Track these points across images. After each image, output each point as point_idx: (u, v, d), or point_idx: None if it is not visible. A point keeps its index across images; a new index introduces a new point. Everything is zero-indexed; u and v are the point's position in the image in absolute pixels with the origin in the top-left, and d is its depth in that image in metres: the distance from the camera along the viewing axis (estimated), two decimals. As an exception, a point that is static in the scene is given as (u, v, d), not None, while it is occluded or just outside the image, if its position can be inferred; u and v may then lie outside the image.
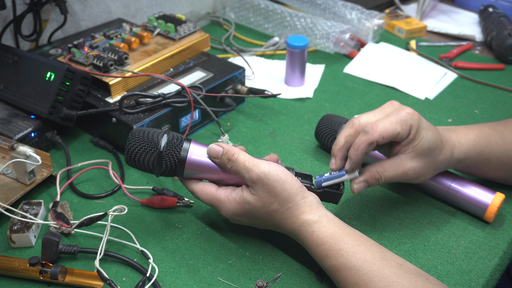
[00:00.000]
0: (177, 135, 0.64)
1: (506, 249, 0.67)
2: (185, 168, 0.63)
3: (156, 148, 0.62)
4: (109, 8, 1.13)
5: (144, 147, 0.62)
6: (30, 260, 0.61)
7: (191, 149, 0.63)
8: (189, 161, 0.63)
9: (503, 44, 1.13)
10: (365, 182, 0.65)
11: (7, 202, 0.69)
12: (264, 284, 0.62)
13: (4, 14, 0.97)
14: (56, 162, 0.83)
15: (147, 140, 0.63)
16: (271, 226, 0.64)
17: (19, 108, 0.84)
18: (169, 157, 0.62)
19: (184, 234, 0.70)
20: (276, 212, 0.61)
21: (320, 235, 0.59)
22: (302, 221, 0.60)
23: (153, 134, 0.63)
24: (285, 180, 0.60)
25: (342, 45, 1.16)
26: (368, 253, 0.56)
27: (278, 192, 0.60)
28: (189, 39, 0.97)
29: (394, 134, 0.62)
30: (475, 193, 0.70)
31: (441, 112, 0.97)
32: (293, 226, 0.61)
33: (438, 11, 1.42)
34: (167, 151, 0.62)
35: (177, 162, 0.63)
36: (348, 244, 0.57)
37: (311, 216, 0.60)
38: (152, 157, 0.63)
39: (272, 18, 1.25)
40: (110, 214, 0.64)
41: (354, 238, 0.58)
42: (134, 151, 0.63)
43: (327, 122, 0.82)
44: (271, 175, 0.60)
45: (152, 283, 0.61)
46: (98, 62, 0.85)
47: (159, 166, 0.63)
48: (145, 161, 0.63)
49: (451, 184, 0.71)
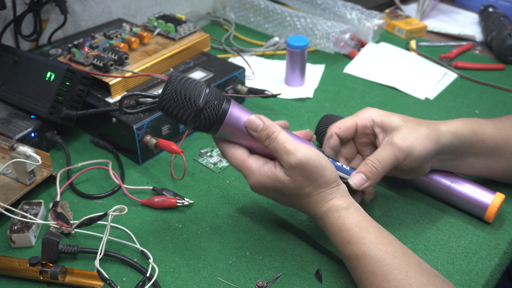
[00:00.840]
0: (217, 92, 0.60)
1: (506, 249, 0.67)
2: (220, 128, 0.60)
3: (194, 104, 0.58)
4: (109, 8, 1.13)
5: (180, 102, 0.58)
6: (30, 260, 0.61)
7: (231, 111, 0.60)
8: (226, 123, 0.60)
9: (503, 44, 1.13)
10: (366, 177, 0.64)
11: (7, 202, 0.69)
12: (264, 284, 0.62)
13: (4, 14, 0.97)
14: (56, 162, 0.83)
15: (185, 95, 0.58)
16: (295, 206, 0.64)
17: (19, 108, 0.84)
18: (207, 115, 0.59)
19: (184, 234, 0.70)
20: (307, 195, 0.61)
21: (346, 221, 0.59)
22: (330, 205, 0.60)
23: (194, 86, 0.59)
24: (326, 166, 0.60)
25: (342, 45, 1.16)
26: (390, 246, 0.57)
27: (316, 178, 0.59)
28: (189, 39, 0.97)
29: (350, 123, 0.69)
30: (475, 193, 0.70)
31: (441, 112, 0.97)
32: (320, 209, 0.61)
33: (438, 11, 1.42)
34: (206, 109, 0.58)
35: (213, 121, 0.59)
36: (372, 234, 0.58)
37: (341, 202, 0.60)
38: (187, 113, 0.58)
39: (272, 18, 1.25)
40: (110, 214, 0.64)
41: (378, 230, 0.58)
42: (166, 104, 0.59)
43: (327, 123, 0.82)
44: (313, 161, 0.58)
45: (152, 283, 0.61)
46: (98, 62, 0.85)
47: (194, 122, 0.59)
48: (178, 116, 0.59)
49: (451, 184, 0.71)
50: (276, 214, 0.73)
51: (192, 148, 0.86)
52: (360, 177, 0.65)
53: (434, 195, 0.74)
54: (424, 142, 0.65)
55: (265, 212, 0.73)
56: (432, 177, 0.72)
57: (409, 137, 0.64)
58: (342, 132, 0.69)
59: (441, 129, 0.67)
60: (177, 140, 0.87)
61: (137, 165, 0.83)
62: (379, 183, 0.78)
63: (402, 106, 0.98)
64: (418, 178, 0.73)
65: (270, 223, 0.71)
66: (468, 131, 0.68)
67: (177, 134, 0.87)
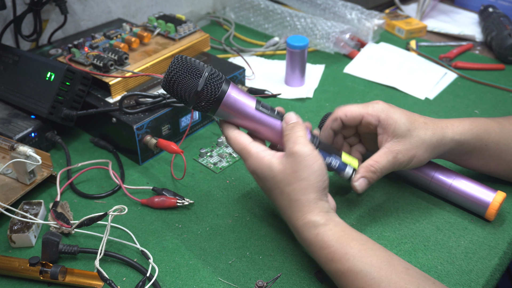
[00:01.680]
0: (218, 73, 0.62)
1: (506, 249, 0.67)
2: (220, 107, 0.62)
3: (197, 80, 0.60)
4: (109, 8, 1.13)
5: (186, 72, 0.61)
6: (30, 260, 0.61)
7: (229, 92, 0.61)
8: (224, 103, 0.61)
9: (503, 44, 1.13)
10: (364, 178, 0.66)
11: (7, 202, 0.69)
12: (264, 284, 0.62)
13: (4, 14, 0.97)
14: (56, 162, 0.83)
15: (191, 67, 0.61)
16: (278, 207, 0.63)
17: (19, 108, 0.84)
18: (208, 91, 0.61)
19: (184, 234, 0.70)
20: (287, 196, 0.60)
21: (325, 238, 0.58)
22: (307, 220, 0.59)
23: (198, 64, 0.62)
24: (316, 172, 0.60)
25: (342, 45, 1.16)
26: (375, 258, 0.55)
27: (302, 177, 0.59)
28: (189, 39, 0.97)
29: (357, 114, 0.68)
30: (476, 192, 0.70)
31: (441, 112, 0.97)
32: (297, 222, 0.60)
33: (438, 11, 1.42)
34: (207, 84, 0.60)
35: (213, 99, 0.61)
36: (354, 248, 0.56)
37: (318, 217, 0.59)
38: (189, 88, 0.61)
39: (272, 18, 1.25)
40: (110, 214, 0.64)
41: (360, 243, 0.57)
42: (174, 76, 0.61)
43: None
44: (309, 159, 0.59)
45: (152, 283, 0.61)
46: (98, 62, 0.85)
47: (197, 96, 0.61)
48: (181, 92, 0.61)
49: (452, 182, 0.71)
50: (276, 214, 0.73)
51: (192, 148, 0.86)
52: (364, 181, 0.66)
53: (435, 193, 0.74)
54: (425, 152, 0.67)
55: (265, 212, 0.73)
56: (434, 176, 0.72)
57: (410, 151, 0.66)
58: (347, 120, 0.69)
59: (445, 135, 0.68)
60: (177, 140, 0.87)
61: (137, 165, 0.83)
62: (380, 183, 0.78)
63: (402, 106, 0.97)
64: (420, 177, 0.73)
65: (270, 223, 0.71)
66: (473, 136, 0.69)
67: (177, 134, 0.87)
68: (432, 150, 0.67)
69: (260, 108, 0.64)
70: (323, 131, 0.72)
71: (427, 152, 0.67)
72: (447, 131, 0.68)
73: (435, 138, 0.67)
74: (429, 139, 0.66)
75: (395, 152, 0.66)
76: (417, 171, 0.73)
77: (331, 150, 0.66)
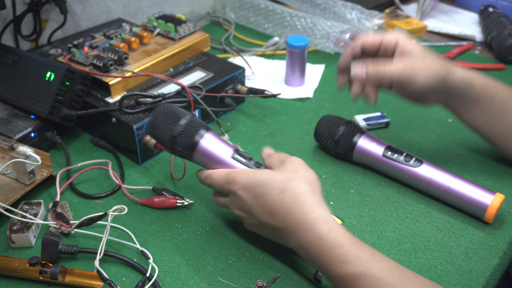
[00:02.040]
0: (200, 120, 0.66)
1: (506, 249, 0.67)
2: (195, 154, 0.64)
3: (176, 122, 0.64)
4: (109, 8, 1.13)
5: (166, 118, 0.64)
6: (30, 260, 0.61)
7: (207, 136, 0.64)
8: (200, 148, 0.64)
9: (503, 44, 1.13)
10: (365, 71, 0.69)
11: (7, 202, 0.69)
12: (264, 284, 0.62)
13: (4, 14, 0.97)
14: (56, 162, 0.83)
15: (171, 113, 0.64)
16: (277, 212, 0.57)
17: (19, 108, 0.84)
18: (184, 137, 0.63)
19: (184, 234, 0.70)
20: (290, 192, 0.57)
21: (337, 236, 0.54)
22: (317, 214, 0.55)
23: (180, 111, 0.65)
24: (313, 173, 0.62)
25: (342, 45, 1.16)
26: (385, 263, 0.53)
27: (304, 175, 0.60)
28: (189, 39, 0.97)
29: (377, 38, 0.72)
30: (475, 194, 0.70)
31: (441, 112, 0.96)
32: (305, 216, 0.55)
33: (438, 11, 1.42)
34: (184, 131, 0.63)
35: (189, 144, 0.64)
36: (365, 251, 0.53)
37: (327, 213, 0.56)
38: (168, 129, 0.64)
39: (272, 18, 1.25)
40: (110, 214, 0.64)
41: (368, 247, 0.54)
42: (155, 120, 0.65)
43: (325, 124, 0.82)
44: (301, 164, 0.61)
45: (152, 283, 0.61)
46: (98, 62, 0.85)
47: (173, 141, 0.63)
48: (161, 133, 0.64)
49: (450, 185, 0.71)
50: (276, 214, 0.73)
51: (192, 148, 0.86)
52: (361, 68, 0.70)
53: (433, 196, 0.74)
54: (431, 76, 0.68)
55: (265, 212, 0.73)
56: (432, 178, 0.72)
57: (418, 66, 0.68)
58: (367, 44, 0.72)
59: (455, 73, 0.70)
60: (177, 140, 0.87)
61: (137, 165, 0.83)
62: (380, 183, 0.78)
63: (402, 106, 0.97)
64: (418, 180, 0.73)
65: (270, 223, 0.71)
66: (482, 85, 0.71)
67: (177, 134, 0.87)
68: (440, 79, 0.69)
69: (236, 156, 0.64)
70: (342, 57, 0.74)
71: (435, 79, 0.69)
72: (457, 69, 0.71)
73: (444, 70, 0.69)
74: (439, 67, 0.69)
75: (405, 63, 0.69)
76: (414, 174, 0.74)
77: None
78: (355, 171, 0.81)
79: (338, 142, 0.80)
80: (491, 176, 0.79)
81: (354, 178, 0.79)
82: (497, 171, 0.80)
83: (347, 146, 0.79)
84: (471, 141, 0.88)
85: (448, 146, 0.87)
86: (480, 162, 0.82)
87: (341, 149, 0.80)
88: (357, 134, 0.79)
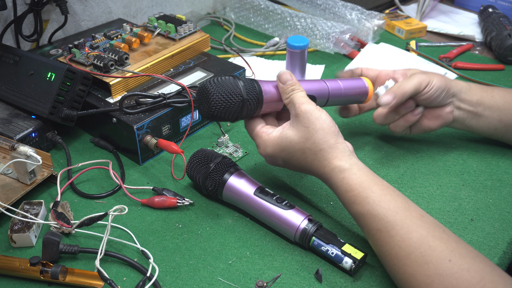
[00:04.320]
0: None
1: (506, 249, 0.67)
2: (224, 191, 0.71)
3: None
4: (110, 8, 1.13)
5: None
6: (31, 260, 0.62)
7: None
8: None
9: (503, 44, 1.13)
10: (393, 96, 0.75)
11: (7, 202, 0.69)
12: (264, 284, 0.62)
13: (5, 15, 0.97)
14: (57, 162, 0.83)
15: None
16: (303, 167, 0.67)
17: (19, 108, 0.85)
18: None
19: (184, 234, 0.70)
20: (310, 151, 0.65)
21: (350, 182, 0.62)
22: (333, 166, 0.64)
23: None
24: (325, 120, 0.65)
25: (342, 46, 1.16)
26: (393, 203, 0.60)
27: (317, 129, 0.64)
28: (190, 39, 0.97)
29: (373, 71, 0.84)
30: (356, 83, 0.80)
31: (441, 112, 0.97)
32: (325, 169, 0.65)
33: (438, 12, 1.43)
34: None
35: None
36: (375, 193, 0.61)
37: (342, 162, 0.63)
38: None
39: (272, 19, 1.25)
40: (110, 214, 0.64)
41: (381, 188, 0.61)
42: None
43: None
44: (315, 112, 0.65)
45: (153, 283, 0.61)
46: (99, 62, 0.85)
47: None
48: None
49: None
50: (276, 214, 0.73)
51: (193, 148, 0.86)
52: (387, 97, 0.75)
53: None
54: (439, 77, 0.77)
55: (265, 212, 0.73)
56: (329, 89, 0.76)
57: (424, 73, 0.78)
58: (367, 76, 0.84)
59: (453, 79, 0.81)
60: (178, 140, 0.87)
61: (138, 165, 0.83)
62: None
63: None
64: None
65: (270, 223, 0.71)
66: (478, 87, 0.80)
67: (177, 134, 0.87)
68: (447, 81, 0.77)
69: (258, 194, 0.69)
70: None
71: (444, 80, 0.77)
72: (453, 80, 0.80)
73: (443, 76, 0.79)
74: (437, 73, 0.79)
75: (414, 73, 0.78)
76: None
77: (330, 240, 0.64)
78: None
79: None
80: (491, 176, 0.80)
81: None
82: (497, 171, 0.81)
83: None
84: (471, 141, 0.88)
85: (448, 146, 0.87)
86: (480, 162, 0.83)
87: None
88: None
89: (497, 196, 0.76)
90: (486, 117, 0.80)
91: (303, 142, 0.65)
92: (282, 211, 0.66)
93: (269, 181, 0.79)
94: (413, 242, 0.56)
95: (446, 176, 0.80)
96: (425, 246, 0.55)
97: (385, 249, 0.59)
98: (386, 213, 0.59)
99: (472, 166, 0.82)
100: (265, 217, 0.68)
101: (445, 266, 0.54)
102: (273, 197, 0.68)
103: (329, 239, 0.64)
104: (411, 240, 0.56)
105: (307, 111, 0.65)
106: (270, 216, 0.67)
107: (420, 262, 0.55)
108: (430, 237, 0.56)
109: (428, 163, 0.83)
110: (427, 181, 0.79)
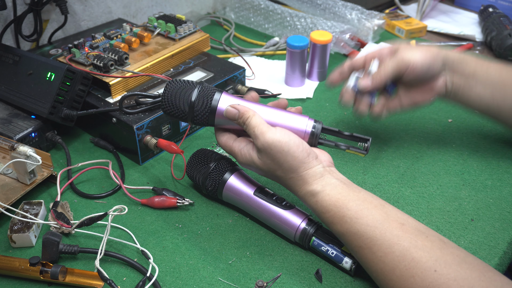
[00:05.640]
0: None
1: (506, 249, 0.67)
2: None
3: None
4: (110, 8, 1.13)
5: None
6: (31, 260, 0.62)
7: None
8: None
9: (503, 44, 1.13)
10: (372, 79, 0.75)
11: (7, 202, 0.69)
12: (264, 284, 0.62)
13: (4, 14, 0.97)
14: (57, 162, 0.83)
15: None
16: (281, 183, 0.67)
17: (19, 108, 0.85)
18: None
19: (184, 234, 0.70)
20: (281, 178, 0.65)
21: (323, 204, 0.61)
22: (305, 192, 0.63)
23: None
24: (288, 151, 0.62)
25: (342, 45, 1.16)
26: (370, 218, 0.58)
27: (280, 162, 0.62)
28: (189, 39, 0.97)
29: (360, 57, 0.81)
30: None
31: (441, 112, 0.97)
32: (298, 194, 0.64)
33: (438, 11, 1.43)
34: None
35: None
36: (350, 210, 0.59)
37: (314, 186, 0.62)
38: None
39: (272, 18, 1.25)
40: (110, 214, 0.64)
41: (356, 204, 0.59)
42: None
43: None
44: (274, 146, 0.62)
45: (153, 283, 0.61)
46: (99, 62, 0.85)
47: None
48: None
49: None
50: (276, 214, 0.73)
51: (192, 148, 0.86)
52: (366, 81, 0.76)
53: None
54: (424, 53, 0.74)
55: (265, 212, 0.73)
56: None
57: (411, 49, 0.75)
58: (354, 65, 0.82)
59: (446, 51, 0.77)
60: (177, 140, 0.87)
61: (137, 165, 0.83)
62: (380, 183, 0.78)
63: (402, 106, 0.97)
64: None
65: (270, 223, 0.71)
66: (472, 59, 0.77)
67: (177, 134, 0.87)
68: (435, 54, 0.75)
69: (258, 194, 0.69)
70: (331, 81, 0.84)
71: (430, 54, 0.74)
72: (447, 50, 0.77)
73: (435, 48, 0.76)
74: (429, 47, 0.76)
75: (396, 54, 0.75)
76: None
77: (330, 240, 0.64)
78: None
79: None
80: (491, 176, 0.79)
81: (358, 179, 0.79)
82: (497, 171, 0.81)
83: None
84: (471, 141, 0.88)
85: (448, 146, 0.87)
86: (480, 162, 0.83)
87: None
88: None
89: (497, 195, 0.76)
90: (478, 93, 0.76)
91: (272, 172, 0.64)
92: (282, 211, 0.66)
93: (269, 181, 0.79)
94: (396, 256, 0.55)
95: (446, 176, 0.80)
96: (409, 258, 0.54)
97: (370, 265, 0.58)
98: (365, 229, 0.57)
99: (472, 165, 0.82)
100: (265, 217, 0.68)
101: (431, 278, 0.52)
102: (273, 197, 0.68)
103: (329, 239, 0.64)
104: (393, 254, 0.55)
105: (267, 146, 0.62)
106: (270, 216, 0.67)
107: (405, 276, 0.54)
108: (412, 248, 0.54)
109: (428, 163, 0.83)
110: (427, 181, 0.79)
